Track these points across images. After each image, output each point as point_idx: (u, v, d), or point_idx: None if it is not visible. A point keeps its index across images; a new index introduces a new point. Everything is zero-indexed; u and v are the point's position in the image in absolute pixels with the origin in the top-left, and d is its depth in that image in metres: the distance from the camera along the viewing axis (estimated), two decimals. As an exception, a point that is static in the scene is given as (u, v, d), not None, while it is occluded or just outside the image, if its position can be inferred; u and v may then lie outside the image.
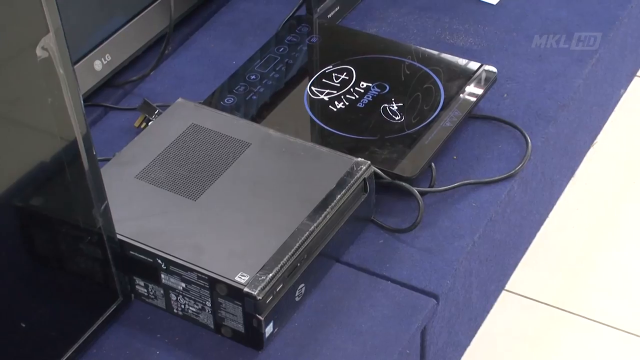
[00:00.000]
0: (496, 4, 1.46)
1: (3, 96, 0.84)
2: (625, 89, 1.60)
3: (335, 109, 1.23)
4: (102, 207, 0.97)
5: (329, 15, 1.40)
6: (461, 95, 1.24)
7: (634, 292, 1.44)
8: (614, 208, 1.56)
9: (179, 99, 1.21)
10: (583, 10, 1.45)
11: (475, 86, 1.26)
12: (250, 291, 0.96)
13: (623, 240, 1.51)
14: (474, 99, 1.24)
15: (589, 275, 1.47)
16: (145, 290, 1.05)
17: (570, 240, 1.51)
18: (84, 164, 0.94)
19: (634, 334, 1.38)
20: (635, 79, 1.65)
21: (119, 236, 1.02)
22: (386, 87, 1.25)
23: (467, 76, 1.27)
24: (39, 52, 0.84)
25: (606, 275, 1.46)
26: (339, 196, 1.06)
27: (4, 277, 0.91)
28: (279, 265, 0.99)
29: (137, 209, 1.06)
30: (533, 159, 1.23)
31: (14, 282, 0.93)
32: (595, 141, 1.54)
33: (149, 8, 1.39)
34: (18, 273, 0.93)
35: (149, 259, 1.02)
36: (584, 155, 1.51)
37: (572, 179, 1.48)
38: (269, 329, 1.00)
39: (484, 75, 1.28)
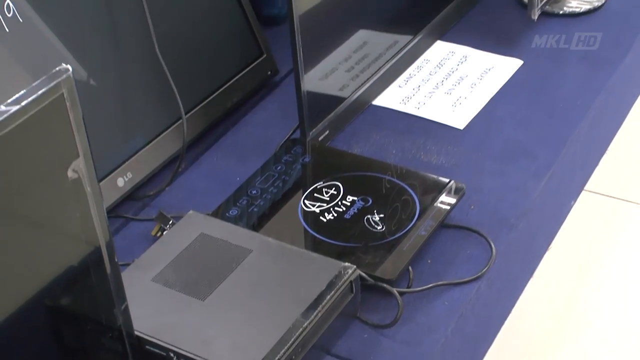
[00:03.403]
0: (463, 129, 1.48)
1: (39, 210, 0.85)
2: (575, 200, 1.61)
3: (325, 220, 1.23)
4: (122, 307, 0.97)
5: (320, 138, 1.41)
6: (434, 206, 1.25)
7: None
8: (570, 303, 1.56)
9: (190, 211, 1.21)
10: (539, 132, 1.46)
11: (446, 199, 1.27)
12: (251, 381, 0.96)
13: (579, 331, 1.50)
14: (445, 210, 1.25)
15: (550, 363, 1.46)
16: (159, 380, 1.04)
17: (532, 332, 1.50)
18: (106, 268, 0.93)
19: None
20: (584, 193, 1.66)
21: (136, 332, 1.01)
22: (369, 201, 1.26)
23: (439, 190, 1.28)
24: (69, 173, 0.84)
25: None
26: (328, 296, 1.06)
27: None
28: (277, 358, 0.98)
29: (153, 308, 1.06)
30: (497, 262, 1.23)
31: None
32: (551, 245, 1.54)
33: (165, 132, 1.41)
34: (47, 366, 0.93)
35: (162, 353, 1.01)
36: (542, 257, 1.51)
37: (532, 278, 1.48)
38: (267, 415, 0.99)
39: (453, 189, 1.28)
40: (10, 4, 1.23)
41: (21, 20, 1.24)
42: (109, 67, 1.36)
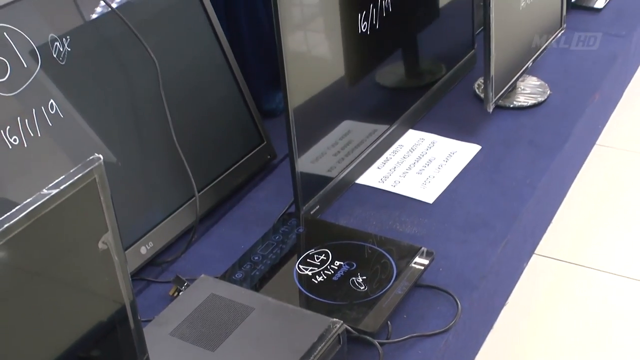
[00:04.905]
0: (432, 203, 1.48)
1: (74, 276, 0.84)
2: (527, 263, 1.61)
3: (316, 282, 1.23)
4: (144, 358, 0.96)
5: (312, 212, 1.41)
6: (409, 269, 1.25)
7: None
8: (525, 353, 1.54)
9: (202, 275, 1.20)
10: (495, 207, 1.47)
11: (419, 262, 1.26)
12: (253, 422, 0.94)
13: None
14: (418, 272, 1.25)
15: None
16: (175, 421, 1.02)
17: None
18: (130, 324, 0.92)
19: None
20: (534, 256, 1.66)
21: (155, 379, 1.00)
22: (354, 265, 1.25)
23: (412, 255, 1.28)
24: (100, 245, 0.84)
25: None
26: (319, 347, 1.05)
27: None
28: (275, 401, 0.97)
29: (171, 359, 1.05)
30: (462, 317, 1.23)
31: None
32: (507, 302, 1.53)
33: (181, 208, 1.41)
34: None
35: (177, 397, 1.00)
36: (499, 313, 1.50)
37: (492, 331, 1.47)
38: None
39: (425, 254, 1.28)
40: (54, 103, 1.25)
41: (62, 116, 1.26)
42: (134, 153, 1.37)
